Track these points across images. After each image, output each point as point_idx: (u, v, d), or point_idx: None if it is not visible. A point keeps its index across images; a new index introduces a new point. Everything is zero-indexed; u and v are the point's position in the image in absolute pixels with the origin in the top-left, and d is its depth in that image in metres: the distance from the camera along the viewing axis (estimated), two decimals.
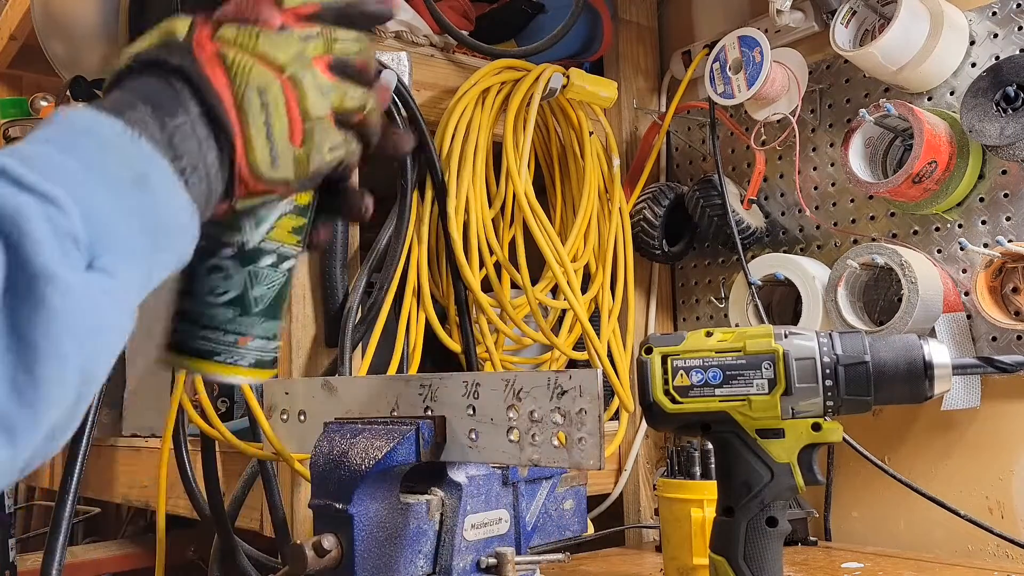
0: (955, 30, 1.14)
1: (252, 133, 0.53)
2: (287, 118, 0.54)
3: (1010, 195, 1.11)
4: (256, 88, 0.54)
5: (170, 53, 0.53)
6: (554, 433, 0.68)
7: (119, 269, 0.44)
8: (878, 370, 0.66)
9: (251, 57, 0.54)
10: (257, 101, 0.53)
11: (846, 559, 1.11)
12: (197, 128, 0.52)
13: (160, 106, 0.51)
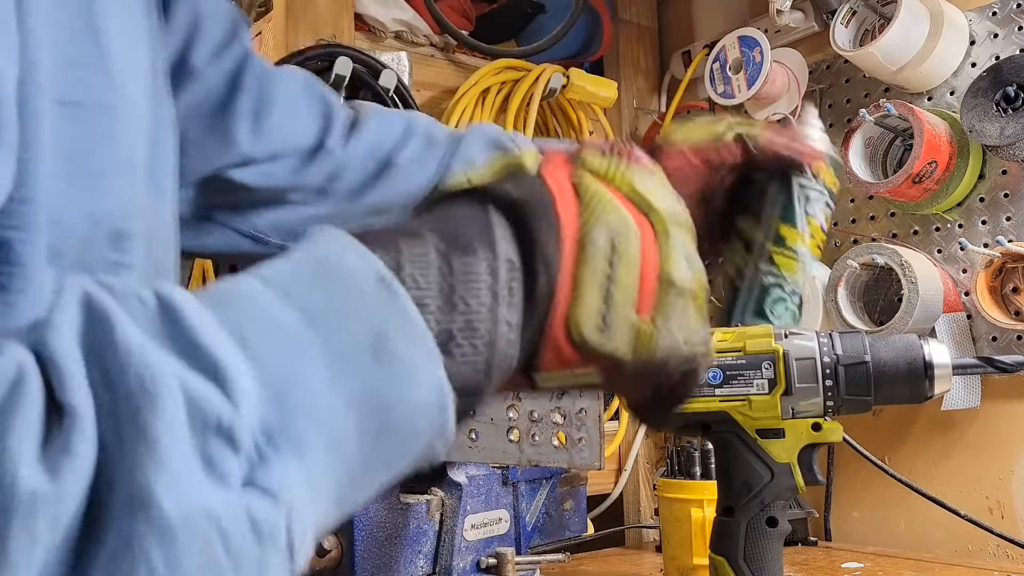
0: (955, 30, 1.14)
1: (585, 282, 0.41)
2: (638, 277, 0.43)
3: (1010, 195, 1.11)
4: (609, 228, 0.42)
5: (508, 181, 0.42)
6: (554, 433, 0.68)
7: (295, 486, 0.30)
8: (878, 370, 0.66)
9: (614, 190, 0.43)
10: (605, 246, 0.41)
11: (846, 559, 1.11)
12: (500, 272, 0.39)
13: (454, 239, 0.38)
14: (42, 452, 0.26)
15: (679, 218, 0.45)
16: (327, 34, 1.13)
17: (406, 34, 1.23)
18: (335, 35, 1.14)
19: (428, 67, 1.25)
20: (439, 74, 1.26)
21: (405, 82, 1.15)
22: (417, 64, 1.20)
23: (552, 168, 0.43)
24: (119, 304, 0.29)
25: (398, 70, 1.13)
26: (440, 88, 1.25)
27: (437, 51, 1.27)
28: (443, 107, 1.22)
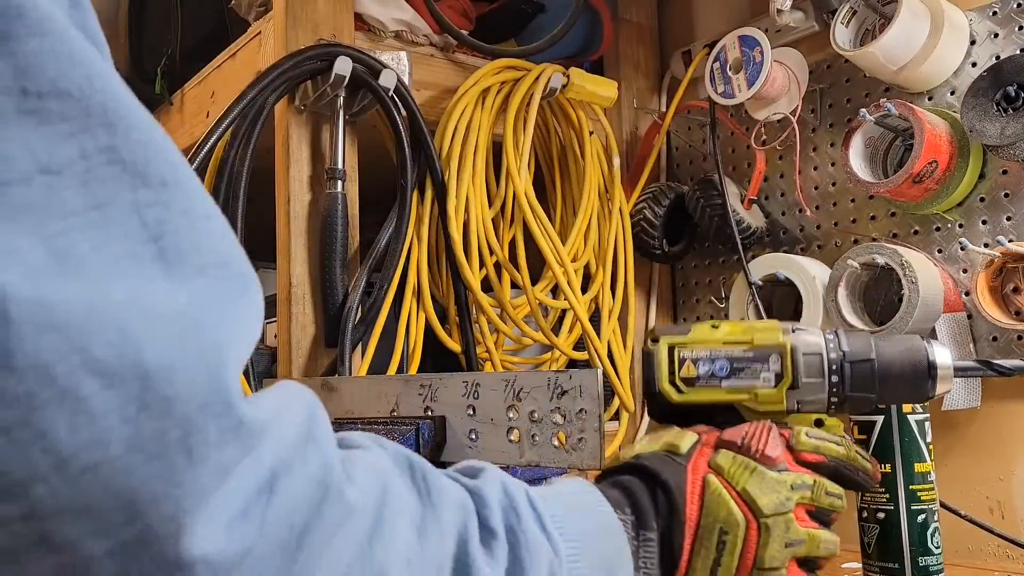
0: (955, 30, 1.14)
1: (696, 565, 0.55)
2: (737, 562, 0.56)
3: (1011, 195, 1.11)
4: (721, 524, 0.55)
5: (665, 466, 0.57)
6: (554, 433, 0.68)
7: None
8: (883, 369, 0.66)
9: (732, 492, 0.56)
10: (715, 538, 0.55)
11: (846, 559, 1.11)
12: (654, 550, 0.55)
13: (640, 515, 0.55)
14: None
15: (785, 508, 0.57)
16: (327, 34, 1.13)
17: (406, 34, 1.23)
18: (335, 35, 1.14)
19: (428, 67, 1.24)
20: (439, 74, 1.26)
21: (405, 82, 1.14)
22: (417, 64, 1.20)
23: (696, 459, 0.58)
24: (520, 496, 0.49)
25: (398, 70, 1.13)
26: (440, 88, 1.25)
27: (437, 51, 1.27)
28: (443, 107, 1.22)
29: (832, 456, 0.61)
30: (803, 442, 0.61)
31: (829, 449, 0.61)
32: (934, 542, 0.91)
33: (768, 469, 0.58)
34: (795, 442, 0.61)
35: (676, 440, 0.60)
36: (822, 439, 0.62)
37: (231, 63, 1.23)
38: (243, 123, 1.04)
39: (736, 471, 0.57)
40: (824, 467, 0.60)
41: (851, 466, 0.62)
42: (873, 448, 0.92)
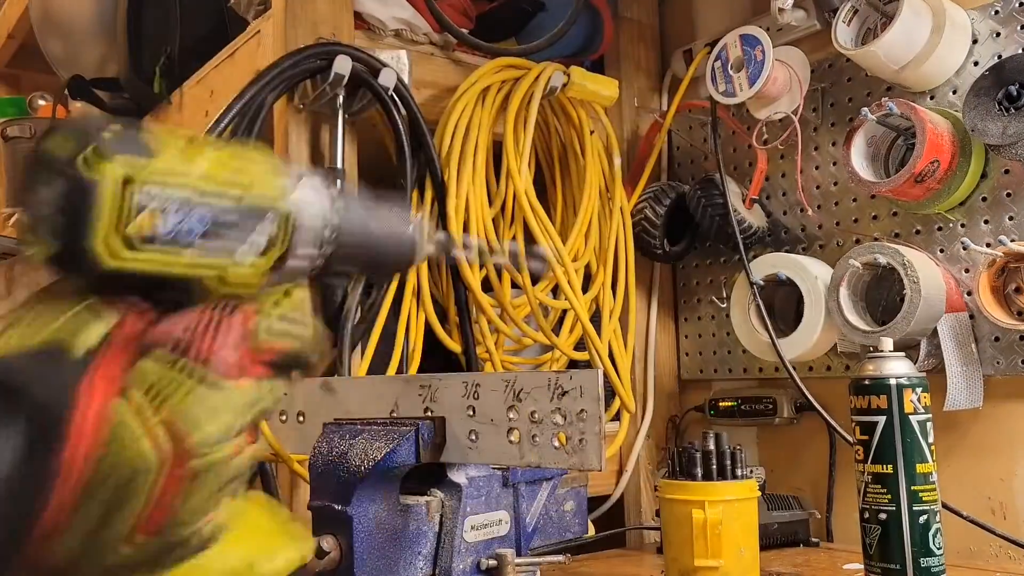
0: (957, 29, 1.13)
1: (73, 524, 0.39)
2: (138, 515, 0.40)
3: (1013, 194, 1.11)
4: (125, 470, 0.40)
5: (40, 377, 0.39)
6: (555, 434, 0.68)
7: None
8: (375, 244, 0.54)
9: (153, 422, 0.40)
10: (110, 489, 0.39)
11: (848, 560, 1.11)
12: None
13: None
14: None
15: (225, 440, 0.42)
16: (326, 32, 1.13)
17: (406, 32, 1.22)
18: (334, 33, 1.13)
19: (428, 65, 1.24)
20: (439, 72, 1.25)
21: (405, 81, 1.14)
22: (417, 62, 1.20)
23: (104, 372, 0.40)
24: None
25: (397, 68, 1.13)
26: (440, 87, 1.24)
27: (437, 49, 1.27)
28: (443, 106, 1.21)
29: (299, 341, 0.48)
30: (273, 329, 0.47)
31: (299, 335, 0.48)
32: (936, 543, 0.90)
33: (214, 382, 0.42)
34: (262, 333, 0.46)
35: (70, 332, 0.41)
36: (293, 322, 0.48)
37: (230, 62, 1.22)
38: (242, 122, 1.04)
39: (165, 387, 0.41)
40: (287, 358, 0.47)
41: (311, 355, 0.49)
42: (875, 448, 0.91)
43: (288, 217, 0.48)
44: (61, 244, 0.42)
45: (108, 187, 0.41)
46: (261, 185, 0.47)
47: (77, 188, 0.41)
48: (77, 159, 0.41)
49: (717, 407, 1.41)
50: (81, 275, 0.43)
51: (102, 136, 0.42)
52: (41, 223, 0.42)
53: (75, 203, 0.41)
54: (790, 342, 1.23)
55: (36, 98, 2.12)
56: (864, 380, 0.93)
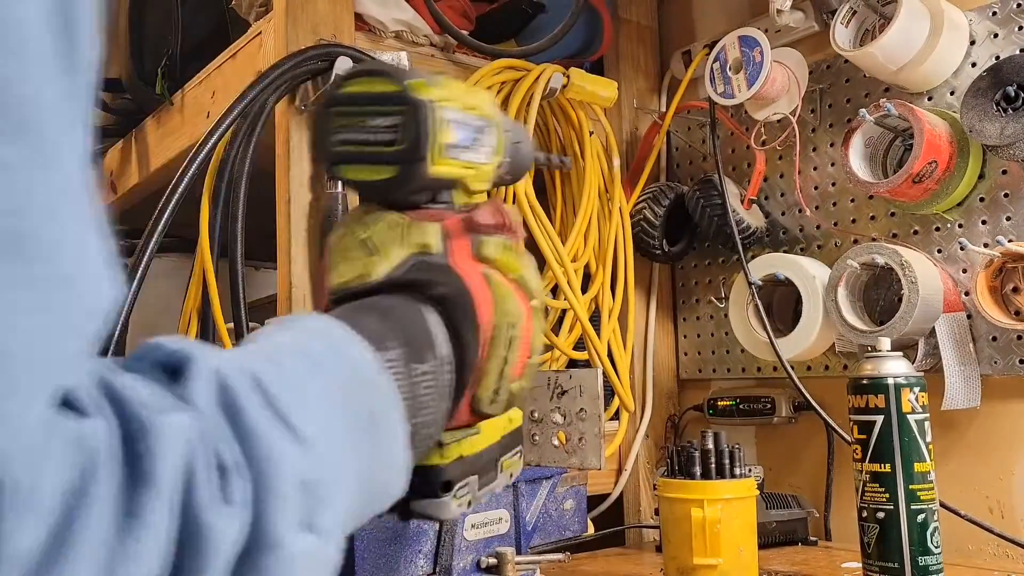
0: (955, 30, 1.14)
1: (490, 368, 0.51)
2: (520, 353, 0.53)
3: (1010, 195, 1.11)
4: (510, 322, 0.52)
5: (433, 276, 0.50)
6: (554, 433, 0.68)
7: (333, 531, 0.37)
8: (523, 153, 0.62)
9: (510, 284, 0.53)
10: (507, 336, 0.51)
11: (846, 559, 1.11)
12: (442, 376, 0.48)
13: (412, 345, 0.46)
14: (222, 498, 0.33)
15: (542, 296, 0.56)
16: (327, 34, 1.13)
17: (406, 34, 1.23)
18: (335, 35, 1.14)
19: (428, 67, 1.24)
20: (439, 73, 1.26)
21: None
22: (417, 64, 1.20)
23: (460, 259, 0.52)
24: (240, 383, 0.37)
25: None
26: None
27: (437, 51, 1.27)
28: None
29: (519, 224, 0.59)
30: (517, 213, 0.58)
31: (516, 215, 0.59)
32: (934, 542, 0.91)
33: (523, 250, 0.55)
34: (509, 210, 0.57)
35: (423, 237, 0.52)
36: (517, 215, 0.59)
37: (231, 63, 1.23)
38: (244, 123, 1.04)
39: (508, 259, 0.53)
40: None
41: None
42: (873, 447, 0.92)
43: (502, 129, 0.59)
44: (405, 159, 0.51)
45: (437, 110, 0.52)
46: (485, 105, 0.58)
47: (419, 109, 0.51)
48: (410, 89, 0.52)
49: (716, 406, 1.41)
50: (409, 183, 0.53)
51: (413, 70, 0.56)
52: (380, 150, 0.52)
53: (418, 120, 0.51)
54: (788, 342, 1.23)
55: None
56: (862, 380, 0.94)
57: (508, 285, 0.52)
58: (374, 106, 0.52)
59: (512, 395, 0.53)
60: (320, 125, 0.53)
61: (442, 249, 0.52)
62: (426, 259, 0.51)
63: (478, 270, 0.52)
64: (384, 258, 0.51)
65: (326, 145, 0.53)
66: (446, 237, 0.52)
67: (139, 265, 0.96)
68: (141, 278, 0.96)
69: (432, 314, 0.49)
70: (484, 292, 0.51)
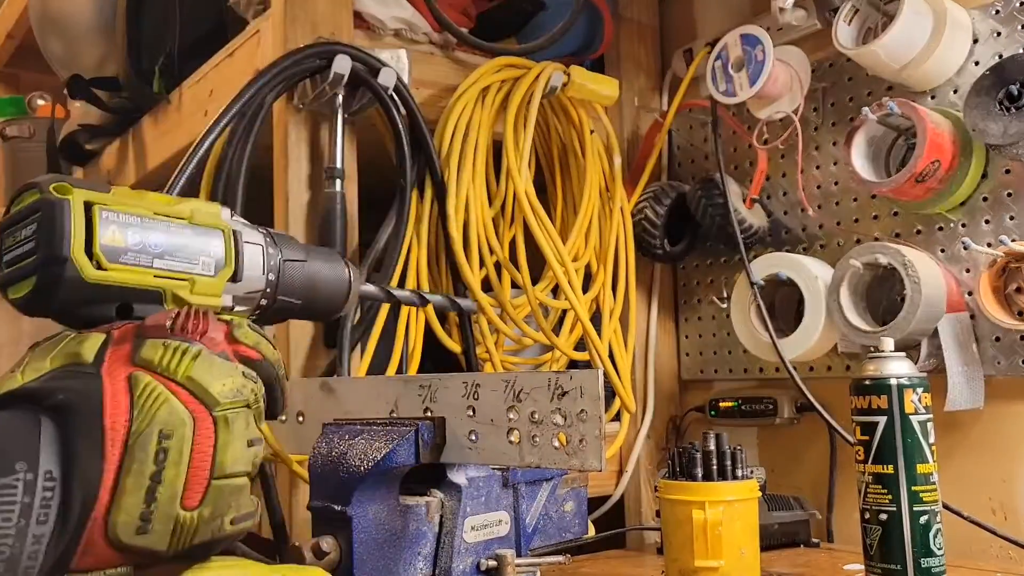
0: (958, 28, 1.13)
1: (128, 485, 0.42)
2: (187, 471, 0.44)
3: (1014, 194, 1.11)
4: (159, 429, 0.43)
5: (59, 384, 0.44)
6: (555, 434, 0.67)
7: None
8: (312, 274, 0.61)
9: (172, 385, 0.45)
10: (153, 447, 0.43)
11: (849, 560, 1.11)
12: (36, 489, 0.41)
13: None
14: None
15: (240, 400, 0.46)
16: (326, 32, 1.12)
17: (405, 32, 1.22)
18: (334, 33, 1.13)
19: (428, 65, 1.24)
20: (439, 72, 1.25)
21: (404, 80, 1.14)
22: (417, 62, 1.19)
23: (111, 362, 0.45)
24: None
25: (397, 68, 1.13)
26: (440, 86, 1.24)
27: (437, 49, 1.26)
28: (442, 105, 1.21)
29: (268, 357, 0.52)
30: (247, 334, 0.51)
31: (267, 349, 0.52)
32: (936, 543, 0.90)
33: (211, 354, 0.47)
34: (238, 333, 0.50)
35: (76, 347, 0.46)
36: (262, 336, 0.52)
37: (229, 61, 1.22)
38: (241, 121, 1.04)
39: (173, 360, 0.45)
40: (261, 368, 0.51)
41: (280, 377, 0.53)
42: (876, 448, 0.91)
43: (234, 235, 0.54)
44: (41, 263, 0.47)
45: (78, 204, 0.48)
46: (202, 215, 0.53)
47: (48, 208, 0.47)
48: (46, 190, 0.48)
49: (717, 407, 1.40)
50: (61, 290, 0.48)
51: (67, 179, 0.49)
52: (19, 262, 0.48)
53: (48, 220, 0.47)
54: (790, 342, 1.22)
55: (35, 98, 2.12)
56: (865, 380, 0.93)
57: (164, 388, 0.44)
58: (20, 220, 0.49)
59: (183, 526, 0.44)
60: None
61: (96, 358, 0.45)
62: (72, 369, 0.45)
63: (125, 374, 0.45)
64: (17, 376, 0.46)
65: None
66: (105, 345, 0.46)
67: None
68: None
69: (49, 424, 0.42)
70: (121, 395, 0.43)
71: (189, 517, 0.44)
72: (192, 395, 0.45)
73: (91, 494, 0.42)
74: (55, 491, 0.41)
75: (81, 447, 0.42)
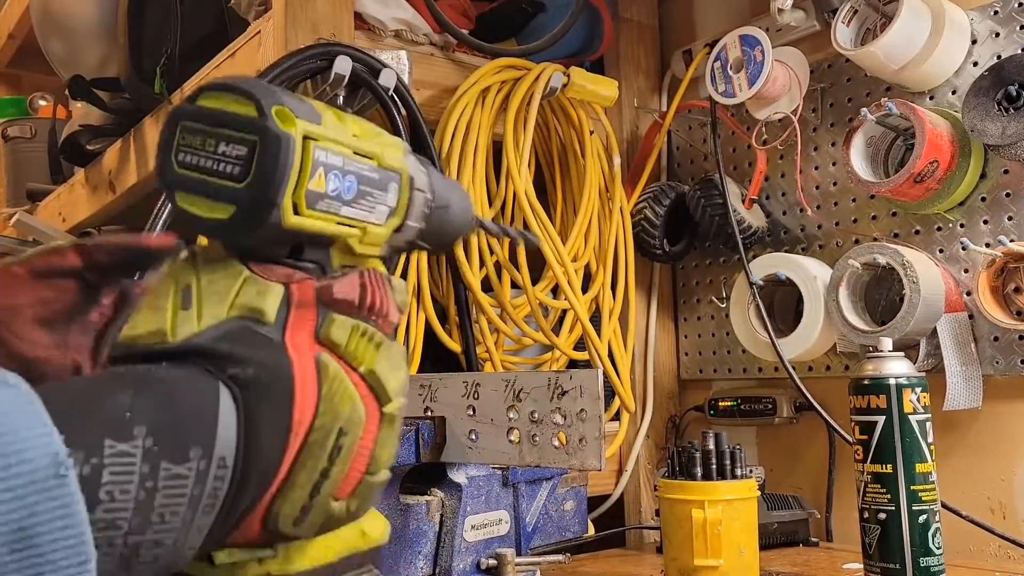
0: (957, 29, 1.14)
1: (299, 480, 0.40)
2: (351, 467, 0.42)
3: (1012, 194, 1.11)
4: (340, 427, 0.41)
5: (246, 350, 0.40)
6: (554, 434, 0.68)
7: None
8: (450, 218, 0.54)
9: (355, 376, 0.42)
10: (331, 444, 0.41)
11: (848, 560, 1.11)
12: (208, 479, 0.37)
13: (167, 436, 0.36)
14: None
15: (404, 402, 0.45)
16: (326, 33, 1.13)
17: (406, 33, 1.22)
18: (334, 34, 1.13)
19: (428, 66, 1.24)
20: (439, 73, 1.25)
21: (405, 81, 1.14)
22: (417, 63, 1.20)
23: (296, 336, 0.41)
24: None
25: (398, 69, 1.13)
26: (440, 87, 1.24)
27: (437, 50, 1.27)
28: (443, 106, 1.22)
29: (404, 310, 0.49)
30: (402, 303, 0.47)
31: (405, 303, 0.48)
32: (935, 542, 0.90)
33: (390, 340, 0.44)
34: (400, 304, 0.47)
35: (255, 300, 0.41)
36: (403, 292, 0.48)
37: (230, 62, 1.22)
38: None
39: (359, 347, 0.43)
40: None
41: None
42: (874, 448, 0.92)
43: (410, 184, 0.49)
44: (247, 201, 0.41)
45: (299, 143, 0.42)
46: (390, 154, 0.48)
47: (273, 143, 0.41)
48: (270, 116, 0.41)
49: (717, 407, 1.41)
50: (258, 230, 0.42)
51: (282, 96, 0.42)
52: (213, 178, 0.41)
53: (271, 157, 0.41)
54: (789, 342, 1.23)
55: (37, 98, 2.12)
56: (863, 380, 0.93)
57: (349, 380, 0.42)
58: (225, 129, 0.41)
59: (331, 517, 0.42)
60: (164, 139, 0.43)
61: (276, 319, 0.41)
62: (251, 327, 0.41)
63: (312, 354, 0.41)
64: (194, 316, 0.41)
65: (167, 165, 0.42)
66: (288, 305, 0.42)
67: None
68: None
69: (228, 399, 0.38)
70: (310, 383, 0.40)
71: (339, 508, 0.43)
72: (370, 389, 0.43)
73: (263, 487, 0.39)
74: (225, 480, 0.38)
75: (263, 438, 0.39)
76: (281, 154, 0.41)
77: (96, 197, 1.63)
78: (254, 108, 0.41)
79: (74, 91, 1.51)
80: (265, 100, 0.41)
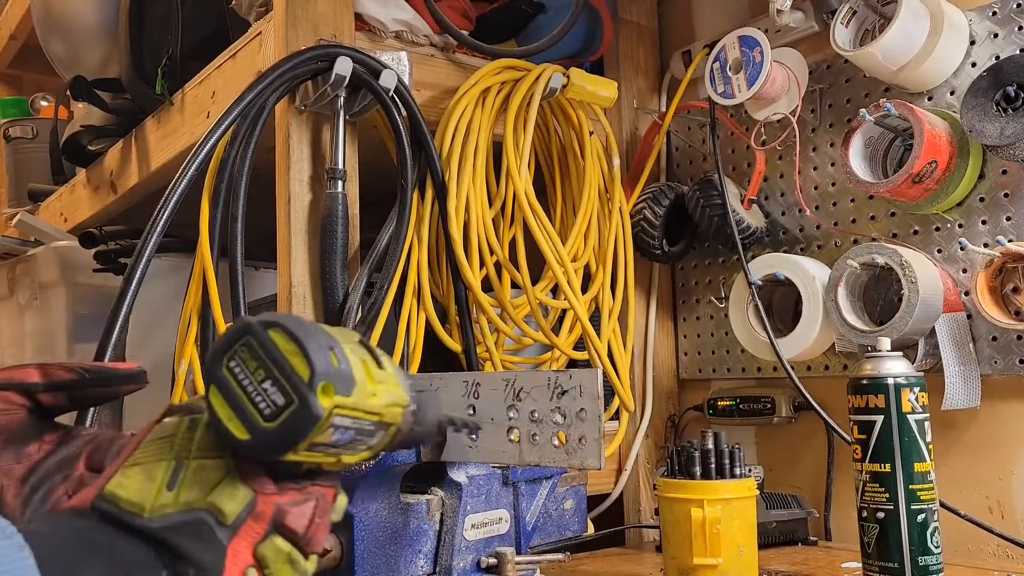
0: (955, 30, 1.14)
1: None
2: None
3: (1010, 195, 1.11)
4: None
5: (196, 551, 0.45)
6: (554, 433, 0.68)
7: None
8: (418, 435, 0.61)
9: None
10: None
11: (846, 559, 1.11)
12: None
13: None
14: None
15: None
16: (327, 34, 1.13)
17: (406, 34, 1.23)
18: (335, 35, 1.14)
19: (428, 67, 1.25)
20: (439, 74, 1.26)
21: (405, 82, 1.15)
22: (417, 64, 1.20)
23: (240, 545, 0.47)
24: None
25: (398, 70, 1.13)
26: (440, 88, 1.25)
27: (437, 51, 1.27)
28: (443, 107, 1.22)
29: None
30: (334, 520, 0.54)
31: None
32: (934, 542, 0.91)
33: (307, 568, 0.50)
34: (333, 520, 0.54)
35: (226, 502, 0.47)
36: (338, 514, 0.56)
37: (232, 63, 1.23)
38: (243, 123, 1.04)
39: (282, 572, 0.48)
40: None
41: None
42: (873, 447, 0.92)
43: (398, 432, 0.55)
44: (264, 440, 0.47)
45: (327, 415, 0.48)
46: (391, 413, 0.54)
47: (307, 414, 0.47)
48: (315, 389, 0.47)
49: (716, 406, 1.41)
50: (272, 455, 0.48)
51: (331, 370, 0.48)
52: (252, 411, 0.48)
53: (300, 423, 0.47)
54: (788, 342, 1.23)
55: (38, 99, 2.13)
56: (862, 379, 0.94)
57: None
58: (277, 372, 0.47)
59: None
60: (229, 338, 0.48)
61: (234, 523, 0.47)
62: (210, 524, 0.46)
63: (243, 567, 0.47)
64: (172, 499, 0.46)
65: (218, 361, 0.48)
66: (250, 511, 0.47)
67: (139, 265, 0.96)
68: (141, 278, 0.96)
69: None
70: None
71: None
72: None
73: None
74: None
75: None
76: (309, 424, 0.47)
77: (97, 197, 1.63)
78: (308, 374, 0.47)
79: (75, 92, 1.52)
80: (319, 371, 0.47)
